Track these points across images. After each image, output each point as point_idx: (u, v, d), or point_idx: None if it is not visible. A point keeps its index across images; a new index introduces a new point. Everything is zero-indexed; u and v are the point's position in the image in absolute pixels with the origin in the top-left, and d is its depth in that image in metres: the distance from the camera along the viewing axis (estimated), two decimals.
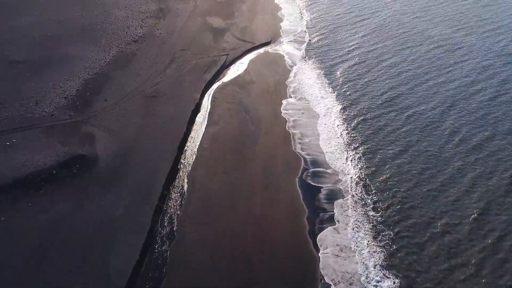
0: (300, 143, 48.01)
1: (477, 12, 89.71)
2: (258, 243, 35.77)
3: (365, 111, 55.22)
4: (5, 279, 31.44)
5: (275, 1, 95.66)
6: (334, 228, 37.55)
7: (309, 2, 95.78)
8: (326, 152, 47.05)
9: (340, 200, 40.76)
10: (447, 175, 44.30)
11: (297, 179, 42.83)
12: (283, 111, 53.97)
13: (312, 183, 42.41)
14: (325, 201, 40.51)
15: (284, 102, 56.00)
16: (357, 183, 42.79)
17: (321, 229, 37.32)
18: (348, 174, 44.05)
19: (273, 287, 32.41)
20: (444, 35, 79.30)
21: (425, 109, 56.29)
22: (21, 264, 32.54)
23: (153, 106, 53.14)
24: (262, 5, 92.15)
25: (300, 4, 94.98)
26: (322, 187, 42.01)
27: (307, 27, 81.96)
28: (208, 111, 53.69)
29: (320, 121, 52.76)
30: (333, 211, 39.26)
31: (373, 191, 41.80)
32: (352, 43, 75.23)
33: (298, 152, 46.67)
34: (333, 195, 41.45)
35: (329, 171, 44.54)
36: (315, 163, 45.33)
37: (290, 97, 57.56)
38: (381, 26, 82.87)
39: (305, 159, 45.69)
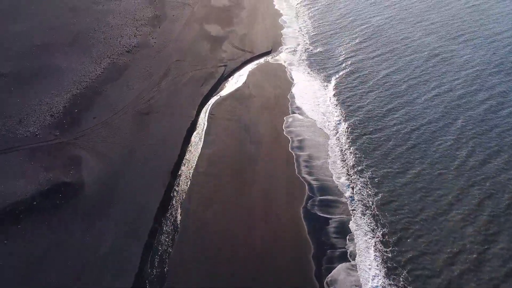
0: (304, 166, 44.33)
1: (477, 17, 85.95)
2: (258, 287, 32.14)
3: (369, 126, 51.88)
4: None
5: (276, 7, 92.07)
6: (346, 269, 33.79)
7: (311, 8, 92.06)
8: (334, 176, 43.33)
9: (351, 234, 37.00)
10: (456, 197, 41.30)
11: (301, 209, 39.15)
12: (285, 129, 50.32)
13: (319, 214, 38.74)
14: (334, 235, 36.76)
15: (286, 119, 52.31)
16: (367, 213, 39.15)
17: (330, 270, 33.62)
18: (357, 202, 40.38)
19: None
20: (444, 41, 75.88)
21: (429, 121, 53.24)
22: None
23: (146, 124, 49.51)
24: (262, 11, 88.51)
25: (301, 10, 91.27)
26: (330, 218, 38.31)
27: (308, 35, 78.33)
28: (204, 129, 50.05)
29: (325, 140, 49.12)
30: (344, 248, 35.49)
31: (384, 221, 38.19)
32: (353, 52, 71.73)
33: (303, 177, 43.00)
34: (343, 228, 37.68)
35: (337, 198, 40.84)
36: (322, 189, 41.64)
37: (293, 113, 53.91)
38: (381, 33, 79.27)
39: (310, 185, 42.02)
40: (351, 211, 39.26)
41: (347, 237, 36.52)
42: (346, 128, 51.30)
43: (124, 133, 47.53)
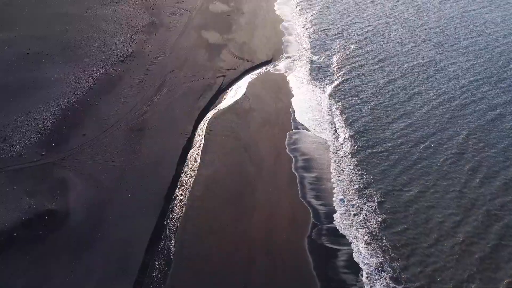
0: (310, 189, 41.18)
1: (478, 22, 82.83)
2: None
3: (373, 140, 49.08)
4: None
5: (276, 12, 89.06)
6: None
7: (313, 12, 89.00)
8: (341, 201, 40.20)
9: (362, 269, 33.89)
10: (474, 224, 38.15)
11: (306, 239, 36.00)
12: (287, 147, 47.21)
13: (326, 244, 35.57)
14: (343, 270, 33.54)
15: (288, 135, 49.20)
16: (374, 242, 36.06)
17: None
18: (363, 231, 37.28)
19: None
20: (445, 47, 72.96)
21: (441, 138, 50.09)
22: None
23: (139, 141, 46.42)
24: (262, 17, 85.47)
25: (303, 16, 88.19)
26: (339, 250, 35.15)
27: (309, 41, 75.26)
28: (201, 147, 46.96)
29: (330, 158, 45.97)
30: (355, 285, 32.34)
31: (394, 254, 35.13)
32: (353, 59, 68.91)
33: (308, 201, 39.86)
34: (354, 262, 34.45)
35: (345, 227, 37.75)
36: (330, 216, 38.49)
37: (296, 128, 50.81)
38: (380, 38, 76.32)
39: (316, 210, 38.87)
40: (357, 241, 36.10)
41: (359, 273, 33.34)
42: (350, 143, 48.29)
43: (115, 152, 44.42)
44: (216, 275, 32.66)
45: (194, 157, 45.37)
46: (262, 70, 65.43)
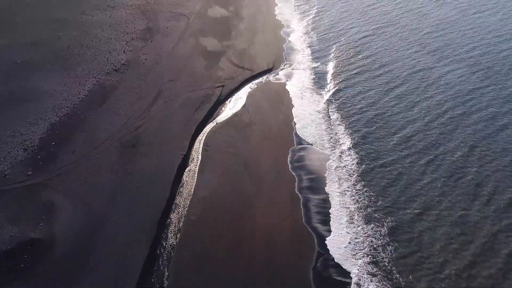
0: (316, 213, 38.46)
1: (489, 28, 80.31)
2: None
3: (382, 158, 46.42)
4: None
5: (277, 17, 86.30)
6: None
7: (314, 17, 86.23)
8: (351, 226, 37.46)
9: None
10: (482, 244, 36.06)
11: (311, 271, 33.28)
12: (290, 165, 44.49)
13: (335, 277, 32.85)
14: None
15: (291, 152, 46.46)
16: (383, 274, 33.40)
17: None
18: (372, 263, 34.59)
19: None
20: (458, 55, 70.29)
21: (446, 151, 47.71)
22: None
23: (131, 159, 43.70)
24: (262, 22, 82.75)
25: (304, 20, 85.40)
26: (349, 284, 32.42)
27: (311, 48, 72.59)
28: (198, 165, 44.23)
29: (337, 178, 43.26)
30: None
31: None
32: (357, 68, 66.26)
33: (313, 227, 37.14)
34: None
35: (349, 257, 35.04)
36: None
37: (299, 144, 48.07)
38: (386, 45, 73.64)
39: (321, 238, 36.10)
40: (363, 273, 33.43)
41: None
42: (354, 159, 45.67)
43: (106, 172, 41.71)
44: None
45: (190, 176, 42.64)
46: (262, 79, 62.70)
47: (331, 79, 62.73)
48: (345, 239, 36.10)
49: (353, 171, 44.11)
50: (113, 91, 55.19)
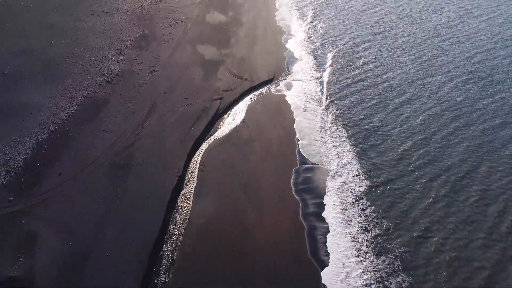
0: (321, 243, 35.32)
1: (493, 33, 77.49)
2: None
3: (386, 175, 43.64)
4: None
5: (278, 23, 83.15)
6: None
7: (316, 23, 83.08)
8: (356, 261, 34.38)
9: None
10: (505, 279, 32.87)
11: None
12: (293, 188, 41.38)
13: None
14: None
15: (294, 173, 43.34)
16: None
17: None
18: None
19: None
20: (458, 61, 67.50)
21: (460, 172, 44.62)
22: None
23: (122, 182, 40.66)
24: (262, 28, 79.64)
25: (305, 26, 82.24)
26: None
27: (314, 56, 69.52)
28: (194, 188, 41.14)
29: (340, 202, 40.17)
30: None
31: None
32: (358, 76, 63.55)
33: (319, 260, 33.97)
34: None
35: None
36: (345, 280, 32.74)
37: (303, 163, 44.94)
38: (387, 51, 70.83)
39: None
40: None
41: None
42: (361, 180, 42.62)
43: (94, 197, 38.66)
44: None
45: (185, 201, 39.53)
46: (263, 90, 59.60)
47: (333, 90, 59.67)
48: (355, 274, 32.99)
49: (360, 193, 41.05)
50: (105, 105, 52.16)
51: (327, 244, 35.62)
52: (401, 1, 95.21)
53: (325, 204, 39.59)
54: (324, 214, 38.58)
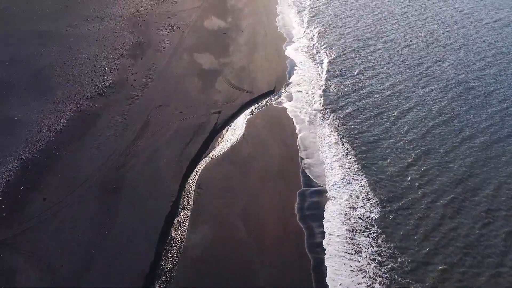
0: (332, 280, 32.16)
1: (497, 38, 74.56)
2: None
3: (399, 199, 40.39)
4: None
5: (279, 30, 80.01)
6: None
7: (319, 29, 79.91)
8: None
9: None
10: None
11: None
12: (298, 215, 38.20)
13: None
14: None
15: (298, 197, 40.17)
16: None
17: None
18: None
19: None
20: (474, 70, 64.20)
21: (467, 190, 41.55)
22: None
23: (112, 209, 37.56)
24: (263, 35, 76.55)
25: (307, 33, 79.09)
26: None
27: (316, 65, 66.49)
28: (189, 215, 38.01)
29: (348, 230, 37.05)
30: None
31: None
32: (360, 83, 60.84)
33: None
34: None
35: None
36: None
37: (308, 185, 41.73)
38: (389, 57, 67.65)
39: None
40: None
41: None
42: (374, 207, 39.41)
43: (80, 226, 35.57)
44: None
45: (179, 230, 36.41)
46: (263, 102, 56.50)
47: (337, 101, 56.65)
48: None
49: (371, 220, 37.90)
50: (96, 120, 49.05)
51: (335, 280, 32.48)
52: (404, 4, 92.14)
53: (332, 235, 36.34)
54: (328, 244, 35.37)
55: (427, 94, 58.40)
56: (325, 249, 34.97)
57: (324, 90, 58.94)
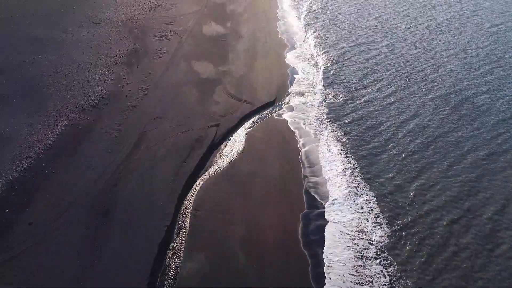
0: None
1: (500, 44, 72.46)
2: None
3: (404, 217, 38.22)
4: None
5: (280, 36, 77.57)
6: None
7: (320, 34, 77.49)
8: None
9: None
10: None
11: None
12: (301, 240, 35.76)
13: None
14: None
15: (302, 220, 37.71)
16: None
17: None
18: None
19: None
20: (477, 77, 62.15)
21: (473, 208, 39.57)
22: None
23: (102, 234, 35.12)
24: (263, 41, 74.13)
25: (308, 39, 76.66)
26: None
27: (318, 73, 64.06)
28: (185, 241, 35.57)
29: (355, 257, 34.64)
30: None
31: None
32: (367, 94, 58.22)
33: None
34: None
35: None
36: None
37: (312, 207, 39.27)
38: (398, 65, 65.31)
39: None
40: None
41: None
42: (386, 233, 36.92)
43: (68, 254, 33.13)
44: None
45: (174, 257, 33.95)
46: (264, 114, 54.08)
47: (338, 111, 54.36)
48: None
49: (381, 246, 35.50)
50: (87, 135, 46.59)
51: None
52: (404, 7, 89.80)
53: (339, 263, 33.90)
54: (333, 274, 32.94)
55: (428, 102, 56.25)
56: (330, 278, 32.47)
57: (325, 100, 56.66)
